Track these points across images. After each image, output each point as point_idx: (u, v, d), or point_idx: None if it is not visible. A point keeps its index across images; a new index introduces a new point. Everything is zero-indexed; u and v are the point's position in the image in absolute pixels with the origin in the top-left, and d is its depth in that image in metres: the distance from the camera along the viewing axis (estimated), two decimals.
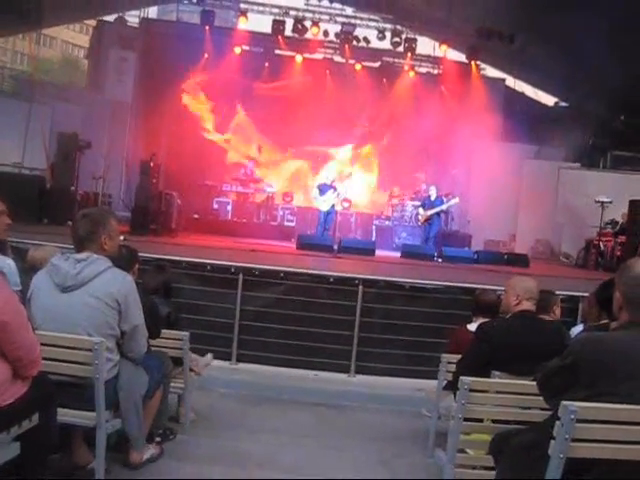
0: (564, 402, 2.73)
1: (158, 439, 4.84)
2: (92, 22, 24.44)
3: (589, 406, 2.72)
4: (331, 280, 8.60)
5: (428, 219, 16.09)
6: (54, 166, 15.09)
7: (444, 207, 16.50)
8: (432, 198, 16.18)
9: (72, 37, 45.91)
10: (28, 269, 4.81)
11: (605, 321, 4.04)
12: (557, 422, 2.75)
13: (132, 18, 20.86)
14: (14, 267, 4.80)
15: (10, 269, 4.76)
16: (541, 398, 3.21)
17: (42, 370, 3.52)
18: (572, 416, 2.69)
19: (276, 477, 4.68)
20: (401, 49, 21.23)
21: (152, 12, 22.64)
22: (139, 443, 4.32)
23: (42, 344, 3.58)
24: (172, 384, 5.22)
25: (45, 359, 3.61)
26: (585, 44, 14.40)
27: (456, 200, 16.86)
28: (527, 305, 4.48)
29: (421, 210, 16.15)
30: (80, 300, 3.91)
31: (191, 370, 5.70)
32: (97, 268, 3.97)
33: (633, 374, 2.73)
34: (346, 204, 19.09)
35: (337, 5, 21.47)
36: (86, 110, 18.46)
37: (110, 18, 21.00)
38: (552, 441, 2.76)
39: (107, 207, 14.92)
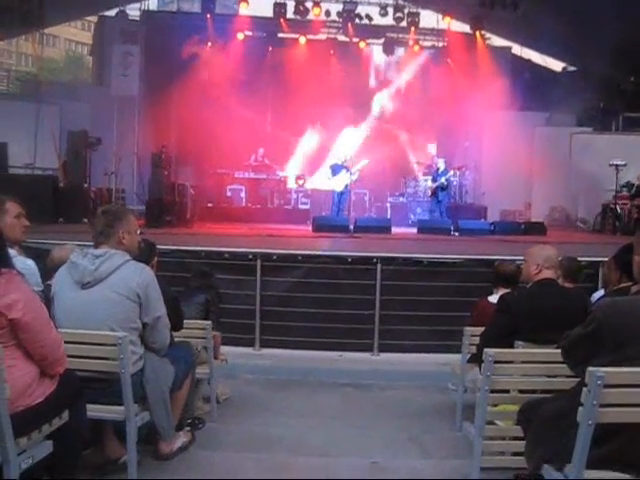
0: (590, 368, 2.72)
1: (188, 428, 4.88)
2: (93, 18, 24.45)
3: (615, 371, 2.71)
4: (349, 260, 8.60)
5: (434, 192, 16.05)
6: (66, 165, 15.18)
7: (443, 180, 16.41)
8: (440, 171, 16.13)
9: (75, 34, 45.91)
10: (51, 270, 4.83)
11: (625, 284, 4.02)
12: (584, 389, 2.74)
13: (133, 11, 20.81)
14: (34, 267, 4.82)
15: (30, 269, 4.79)
16: (566, 366, 3.21)
17: (68, 367, 3.55)
18: (599, 382, 2.69)
19: (307, 460, 4.70)
20: (404, 24, 21.05)
21: (152, 4, 22.56)
22: (169, 434, 4.35)
23: (66, 342, 3.61)
24: (198, 370, 5.26)
25: (70, 356, 3.64)
26: (590, 6, 14.23)
27: (451, 173, 16.83)
28: (548, 273, 4.46)
29: (429, 182, 16.09)
30: (100, 296, 3.94)
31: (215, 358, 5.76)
32: (115, 263, 3.99)
33: None
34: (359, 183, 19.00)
35: None
36: (94, 107, 18.51)
37: (111, 13, 20.96)
38: (580, 408, 2.76)
39: (124, 204, 14.92)
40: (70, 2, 18.17)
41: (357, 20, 21.10)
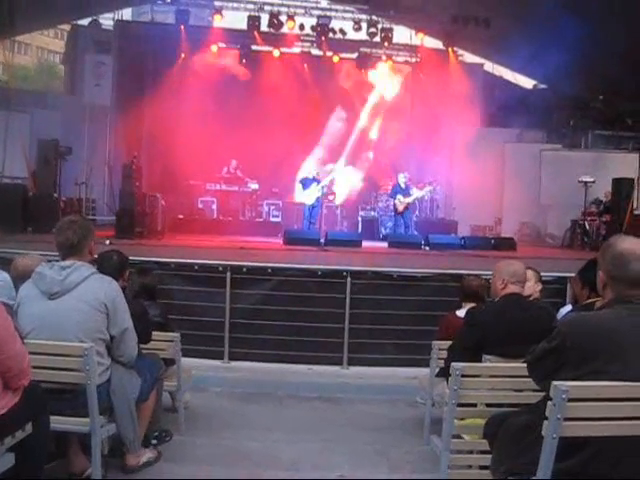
0: (555, 382, 2.74)
1: (154, 441, 4.84)
2: (66, 27, 24.27)
3: (580, 385, 2.73)
4: (319, 273, 8.61)
5: (407, 207, 16.07)
6: (35, 174, 15.03)
7: (420, 194, 16.51)
8: (402, 186, 16.13)
9: (47, 43, 45.51)
10: (15, 278, 4.78)
11: (591, 300, 4.07)
12: (549, 402, 2.76)
13: (106, 21, 20.71)
14: (9, 280, 4.76)
15: (5, 282, 4.73)
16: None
17: (33, 379, 3.51)
18: (563, 396, 2.70)
19: (275, 474, 4.68)
20: (378, 39, 21.16)
21: (126, 14, 22.42)
22: (135, 446, 4.31)
23: (32, 352, 3.57)
24: (165, 383, 5.22)
25: (36, 367, 3.61)
26: (560, 26, 14.42)
27: (430, 188, 16.98)
28: (514, 288, 4.50)
29: (400, 197, 16.02)
30: (68, 306, 3.91)
31: None
32: (82, 274, 3.97)
33: (620, 352, 2.74)
34: (331, 197, 19.03)
35: None
36: (65, 116, 18.39)
37: (84, 22, 20.83)
38: (545, 422, 2.78)
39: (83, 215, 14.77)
40: (42, 10, 18.00)
41: (331, 34, 21.17)
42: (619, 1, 14.59)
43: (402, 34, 22.31)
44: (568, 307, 5.48)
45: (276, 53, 21.22)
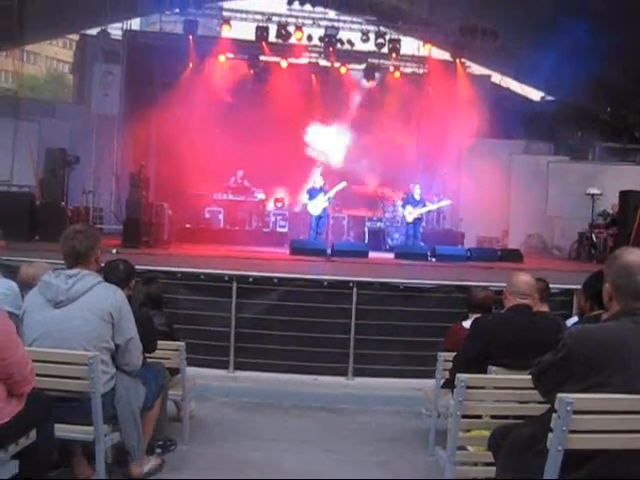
0: (560, 394, 2.74)
1: (159, 450, 4.84)
2: (75, 36, 24.37)
3: (585, 397, 2.73)
4: (325, 284, 8.61)
5: (418, 218, 16.12)
6: (43, 182, 15.07)
7: (434, 207, 16.63)
8: (416, 197, 16.19)
9: (56, 52, 45.73)
10: (21, 286, 4.79)
11: (597, 312, 4.05)
12: (554, 415, 2.76)
13: (115, 31, 20.75)
14: (17, 290, 4.77)
15: (14, 292, 4.74)
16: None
17: (37, 387, 3.51)
18: (568, 408, 2.70)
19: None
20: (385, 50, 21.17)
21: (135, 24, 22.53)
22: (139, 455, 4.31)
23: (37, 360, 3.59)
24: (170, 391, 5.22)
25: (41, 375, 3.62)
26: (568, 38, 14.43)
27: (447, 202, 17.10)
28: (521, 300, 4.49)
29: (409, 208, 16.07)
30: (73, 315, 3.92)
31: None
32: (88, 283, 3.99)
33: (626, 365, 2.73)
34: (337, 208, 19.02)
35: (320, 9, 21.41)
36: (73, 125, 18.44)
37: (93, 32, 20.90)
38: (550, 434, 2.77)
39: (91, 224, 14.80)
40: (52, 20, 18.09)
41: (339, 45, 21.17)
42: (629, 14, 14.58)
43: (410, 45, 22.32)
44: (574, 319, 5.45)
45: (284, 64, 21.25)
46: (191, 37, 20.56)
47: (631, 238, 14.19)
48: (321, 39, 21.02)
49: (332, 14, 21.73)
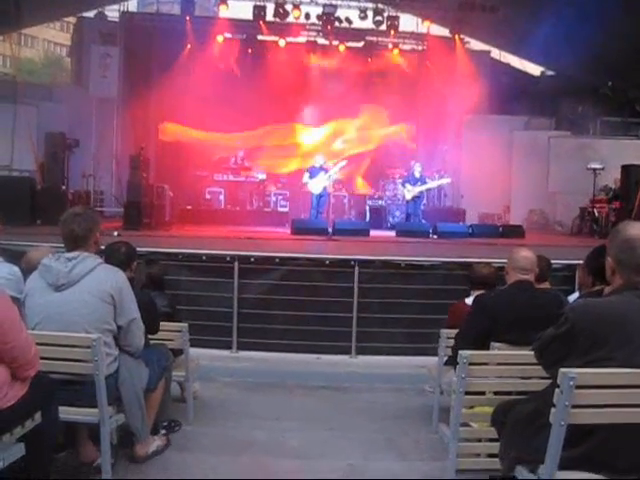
0: (562, 369, 2.74)
1: (163, 431, 4.86)
2: (72, 19, 24.22)
3: (587, 372, 2.72)
4: (327, 263, 8.62)
5: (417, 196, 16.12)
6: (43, 166, 15.08)
7: (434, 184, 16.62)
8: (417, 175, 16.18)
9: (53, 35, 45.51)
10: (25, 271, 4.80)
11: (599, 287, 4.04)
12: (557, 389, 2.76)
13: (112, 13, 20.64)
14: (20, 275, 4.77)
15: (16, 277, 4.75)
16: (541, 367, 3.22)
17: (41, 370, 3.52)
18: (571, 383, 2.70)
19: (284, 463, 4.69)
20: (384, 27, 21.05)
21: (132, 5, 22.34)
22: (143, 436, 4.33)
23: (40, 344, 3.59)
24: (174, 372, 5.23)
25: (44, 358, 3.62)
26: (569, 11, 14.32)
27: (447, 180, 17.08)
28: (523, 276, 4.48)
29: (409, 186, 16.07)
30: (74, 297, 3.93)
31: None
32: (88, 265, 3.98)
33: (628, 339, 2.73)
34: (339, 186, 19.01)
35: None
36: (72, 108, 18.35)
37: (90, 14, 20.78)
38: (552, 409, 2.77)
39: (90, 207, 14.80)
40: (48, 3, 17.99)
41: (337, 23, 21.07)
42: None
43: (408, 22, 22.20)
44: (576, 294, 5.45)
45: (282, 42, 21.15)
46: (188, 18, 20.49)
47: (633, 212, 14.17)
48: (319, 17, 20.92)
49: None
